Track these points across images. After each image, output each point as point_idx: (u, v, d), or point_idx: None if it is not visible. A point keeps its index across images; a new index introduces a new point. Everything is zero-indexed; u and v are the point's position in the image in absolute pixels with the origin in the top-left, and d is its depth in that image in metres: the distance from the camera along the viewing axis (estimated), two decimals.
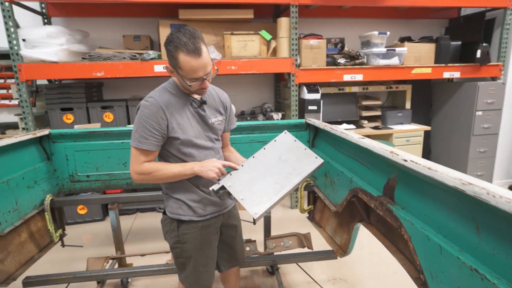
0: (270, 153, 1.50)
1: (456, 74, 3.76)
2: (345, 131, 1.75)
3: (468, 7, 4.03)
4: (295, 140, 1.53)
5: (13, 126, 3.44)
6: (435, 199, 1.04)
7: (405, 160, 1.07)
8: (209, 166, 1.39)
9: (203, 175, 1.40)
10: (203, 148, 1.49)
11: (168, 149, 1.46)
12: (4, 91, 3.57)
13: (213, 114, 1.53)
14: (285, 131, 1.58)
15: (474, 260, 0.86)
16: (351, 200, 1.72)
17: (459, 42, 3.79)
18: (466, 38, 3.88)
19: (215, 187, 1.39)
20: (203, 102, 1.48)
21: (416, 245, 1.10)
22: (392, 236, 1.48)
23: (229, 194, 1.39)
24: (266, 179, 1.41)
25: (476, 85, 3.69)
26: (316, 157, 1.47)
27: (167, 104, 1.38)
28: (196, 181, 1.49)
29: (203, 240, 1.54)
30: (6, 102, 3.59)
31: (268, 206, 1.33)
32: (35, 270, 2.05)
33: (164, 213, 1.58)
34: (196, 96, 1.47)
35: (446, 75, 3.74)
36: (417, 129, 3.78)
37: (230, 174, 1.44)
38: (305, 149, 1.51)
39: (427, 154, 4.45)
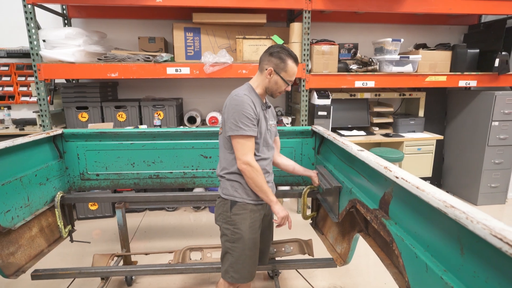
0: None
1: (473, 83, 3.66)
2: (346, 141, 1.75)
3: (489, 14, 3.91)
4: None
5: (32, 123, 3.59)
6: (425, 217, 1.04)
7: (397, 177, 1.07)
8: (285, 213, 1.68)
9: (276, 213, 1.67)
10: (271, 147, 1.75)
11: None
12: (24, 89, 3.74)
13: (271, 119, 1.80)
14: None
15: (456, 281, 0.86)
16: (350, 210, 1.72)
17: (477, 50, 3.70)
18: (485, 46, 3.78)
19: None
20: (268, 107, 1.77)
21: (405, 262, 1.10)
22: (388, 249, 1.48)
23: None
24: None
25: (493, 95, 3.59)
26: None
27: (254, 102, 1.60)
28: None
29: (252, 222, 1.66)
30: (26, 99, 3.75)
31: None
32: (44, 263, 2.15)
33: (218, 197, 1.74)
34: (264, 101, 1.74)
35: (462, 83, 3.65)
36: (429, 138, 3.71)
37: None
38: None
39: (440, 163, 4.35)
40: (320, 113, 3.51)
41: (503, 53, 3.55)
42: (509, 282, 0.71)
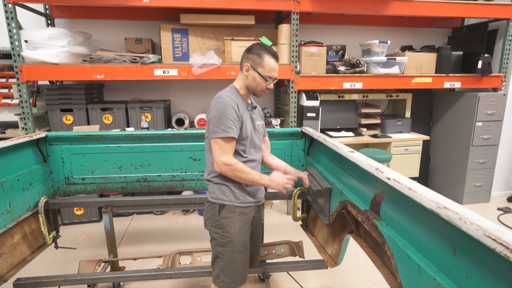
0: None
1: (457, 84, 3.74)
2: (337, 143, 1.75)
3: (471, 17, 4.01)
4: None
5: (14, 126, 3.47)
6: (417, 218, 1.04)
7: (389, 179, 1.07)
8: (277, 181, 1.63)
9: (274, 188, 1.63)
10: (258, 148, 1.73)
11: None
12: (5, 90, 3.62)
13: (258, 119, 1.77)
14: None
15: (449, 282, 0.86)
16: (341, 212, 1.72)
17: (461, 52, 3.78)
18: (468, 48, 3.87)
19: None
20: (254, 107, 1.74)
21: (397, 263, 1.10)
22: (379, 250, 1.48)
23: None
24: None
25: (477, 96, 3.67)
26: None
27: (237, 103, 1.58)
28: None
29: (241, 225, 1.65)
30: (8, 101, 3.64)
31: None
32: (28, 271, 2.08)
33: (207, 201, 1.71)
34: (249, 102, 1.72)
35: (447, 85, 3.72)
36: (416, 138, 3.77)
37: None
38: None
39: (426, 163, 4.43)
40: (309, 114, 3.52)
41: (486, 55, 3.64)
42: (502, 282, 0.71)
